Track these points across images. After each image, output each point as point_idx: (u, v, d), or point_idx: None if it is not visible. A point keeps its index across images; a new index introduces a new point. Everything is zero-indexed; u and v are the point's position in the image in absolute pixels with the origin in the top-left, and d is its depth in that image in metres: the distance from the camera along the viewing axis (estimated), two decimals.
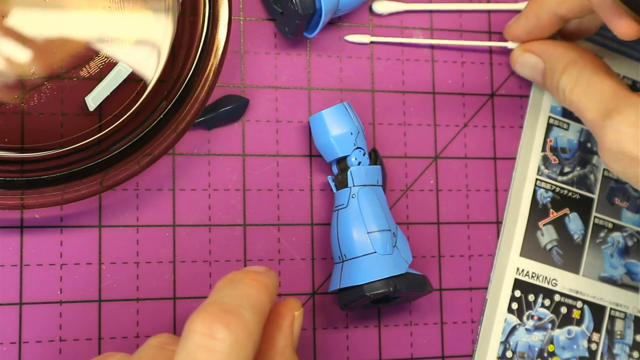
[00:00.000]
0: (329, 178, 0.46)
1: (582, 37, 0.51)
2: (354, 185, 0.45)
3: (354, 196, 0.45)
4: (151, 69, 0.44)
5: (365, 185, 0.45)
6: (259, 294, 0.32)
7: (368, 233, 0.44)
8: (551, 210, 0.52)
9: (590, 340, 0.52)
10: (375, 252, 0.44)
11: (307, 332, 0.47)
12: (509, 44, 0.51)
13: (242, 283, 0.32)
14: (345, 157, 0.46)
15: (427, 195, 0.50)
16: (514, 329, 0.50)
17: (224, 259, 0.46)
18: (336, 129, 0.45)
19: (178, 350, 0.29)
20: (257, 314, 0.31)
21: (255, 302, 0.31)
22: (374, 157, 0.46)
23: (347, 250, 0.45)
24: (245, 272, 0.33)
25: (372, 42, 0.50)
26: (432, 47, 0.51)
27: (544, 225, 0.52)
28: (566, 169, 0.53)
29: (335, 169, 0.47)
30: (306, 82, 0.49)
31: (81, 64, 0.43)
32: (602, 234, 0.53)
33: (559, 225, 0.52)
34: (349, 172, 0.45)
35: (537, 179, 0.52)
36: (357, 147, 0.46)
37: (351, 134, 0.45)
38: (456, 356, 0.49)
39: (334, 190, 0.46)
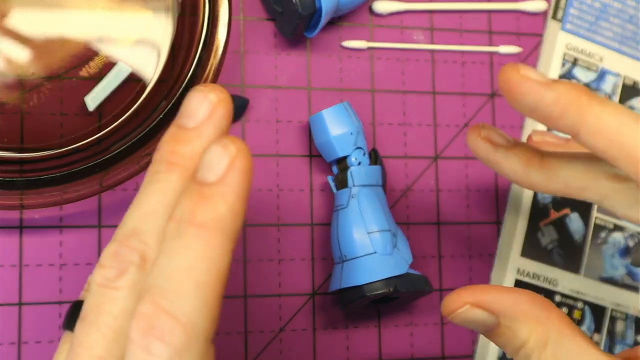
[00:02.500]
0: (329, 178, 0.46)
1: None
2: (354, 186, 0.45)
3: (354, 196, 0.45)
4: (151, 69, 0.44)
5: (365, 186, 0.45)
6: (206, 251, 0.25)
7: (368, 233, 0.44)
8: (552, 210, 0.52)
9: None
10: (375, 253, 0.44)
11: (307, 332, 0.47)
12: (501, 49, 0.52)
13: (183, 241, 0.25)
14: (345, 157, 0.46)
15: (427, 195, 0.50)
16: None
17: None
18: (336, 128, 0.45)
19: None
20: (204, 291, 0.25)
21: (200, 270, 0.25)
22: (374, 157, 0.46)
23: (347, 250, 0.44)
24: (191, 213, 0.26)
25: (369, 48, 0.50)
26: (431, 46, 0.51)
27: (544, 225, 0.52)
28: None
29: (335, 169, 0.47)
30: (306, 82, 0.49)
31: (81, 64, 0.43)
32: (602, 235, 0.53)
33: (560, 225, 0.52)
34: (349, 172, 0.45)
35: None
36: (357, 147, 0.45)
37: (351, 134, 0.45)
38: (456, 356, 0.49)
39: (334, 190, 0.46)
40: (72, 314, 0.29)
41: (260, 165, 0.47)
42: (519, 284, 0.51)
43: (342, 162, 0.46)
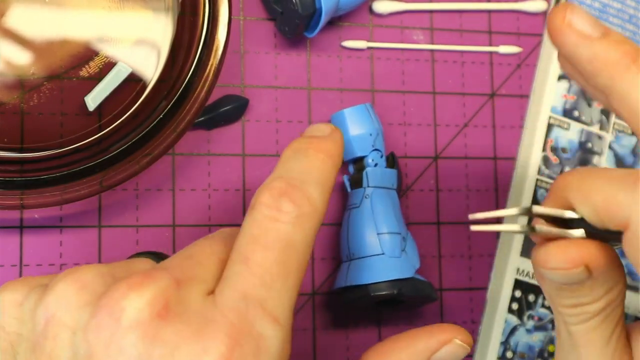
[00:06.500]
0: (345, 177, 0.47)
1: None
2: (368, 186, 0.45)
3: (367, 197, 0.45)
4: (151, 69, 0.44)
5: (379, 187, 0.45)
6: (323, 166, 0.32)
7: (378, 234, 0.44)
8: None
9: None
10: (383, 254, 0.44)
11: (307, 332, 0.47)
12: (501, 49, 0.52)
13: (306, 155, 0.33)
14: (362, 158, 0.46)
15: (427, 195, 0.50)
16: (514, 329, 0.50)
17: None
18: (356, 128, 0.46)
19: (245, 219, 0.31)
20: (322, 187, 0.32)
21: (319, 175, 0.32)
22: (391, 161, 0.47)
23: (355, 249, 0.45)
24: (309, 141, 0.33)
25: (369, 48, 0.50)
26: (431, 46, 0.51)
27: None
28: (567, 169, 0.53)
29: (351, 169, 0.47)
30: (306, 82, 0.49)
31: (81, 64, 0.43)
32: None
33: None
34: (364, 173, 0.45)
35: (537, 179, 0.52)
36: (375, 149, 0.46)
37: (370, 134, 0.46)
38: None
39: (349, 189, 0.46)
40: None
41: (260, 165, 0.47)
42: (518, 283, 0.51)
43: (358, 162, 0.46)
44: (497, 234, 0.51)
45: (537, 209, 0.32)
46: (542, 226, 0.32)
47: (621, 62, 0.32)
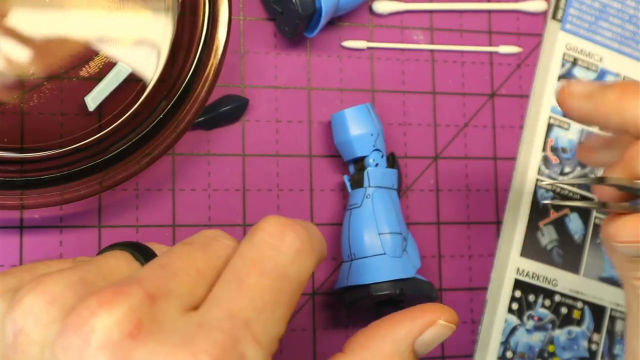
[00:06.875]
0: (345, 177, 0.47)
1: None
2: (369, 186, 0.45)
3: (368, 196, 0.45)
4: (151, 69, 0.44)
5: (380, 187, 0.45)
6: (320, 236, 0.33)
7: (379, 234, 0.44)
8: (551, 210, 0.52)
9: (590, 341, 0.52)
10: (384, 254, 0.44)
11: (307, 332, 0.47)
12: (501, 49, 0.52)
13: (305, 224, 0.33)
14: (363, 158, 0.46)
15: (427, 195, 0.50)
16: (514, 329, 0.50)
17: None
18: (356, 128, 0.46)
19: (244, 241, 0.30)
20: (321, 243, 0.32)
21: (320, 236, 0.32)
22: (392, 161, 0.47)
23: (356, 249, 0.45)
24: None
25: (369, 48, 0.50)
26: (431, 46, 0.51)
27: (544, 225, 0.52)
28: (567, 169, 0.53)
29: (352, 169, 0.47)
30: (306, 82, 0.49)
31: (81, 64, 0.43)
32: None
33: (559, 225, 0.52)
34: (365, 173, 0.45)
35: (537, 179, 0.52)
36: (376, 149, 0.46)
37: (371, 135, 0.46)
38: (456, 356, 0.49)
39: (349, 189, 0.46)
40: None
41: (260, 165, 0.47)
42: (518, 283, 0.51)
43: (359, 162, 0.46)
44: (497, 233, 0.51)
45: (611, 179, 0.35)
46: (613, 203, 0.34)
47: (622, 97, 0.37)
